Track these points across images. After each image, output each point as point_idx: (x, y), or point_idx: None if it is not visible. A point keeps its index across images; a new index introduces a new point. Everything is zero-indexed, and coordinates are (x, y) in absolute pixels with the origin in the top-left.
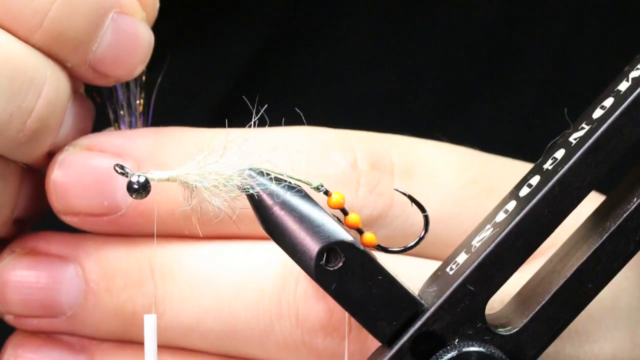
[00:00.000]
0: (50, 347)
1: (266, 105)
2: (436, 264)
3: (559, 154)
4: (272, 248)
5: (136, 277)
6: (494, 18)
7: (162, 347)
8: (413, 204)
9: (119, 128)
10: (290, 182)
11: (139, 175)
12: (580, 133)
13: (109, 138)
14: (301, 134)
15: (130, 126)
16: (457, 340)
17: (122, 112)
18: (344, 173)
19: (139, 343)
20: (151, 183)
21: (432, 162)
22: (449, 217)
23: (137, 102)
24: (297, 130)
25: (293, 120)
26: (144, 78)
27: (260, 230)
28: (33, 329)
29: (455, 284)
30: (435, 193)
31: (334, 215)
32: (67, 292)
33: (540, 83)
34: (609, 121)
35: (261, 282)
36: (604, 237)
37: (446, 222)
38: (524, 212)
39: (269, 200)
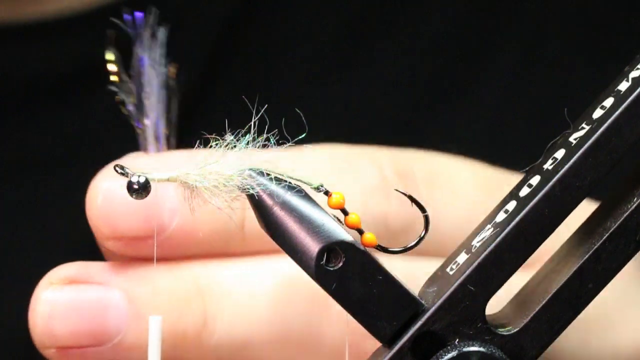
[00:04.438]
0: None
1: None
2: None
3: (559, 154)
4: None
5: (182, 296)
6: (459, 24)
7: None
8: (413, 204)
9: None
10: (290, 182)
11: (139, 176)
12: (580, 133)
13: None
14: (324, 152)
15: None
16: (457, 340)
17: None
18: (374, 183)
19: None
20: (151, 183)
21: (450, 172)
22: (470, 222)
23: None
24: (318, 151)
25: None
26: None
27: None
28: None
29: (456, 284)
30: (456, 200)
31: (334, 216)
32: (115, 317)
33: (505, 89)
34: (609, 121)
35: (308, 289)
36: (604, 237)
37: (468, 227)
38: (524, 212)
39: (269, 201)
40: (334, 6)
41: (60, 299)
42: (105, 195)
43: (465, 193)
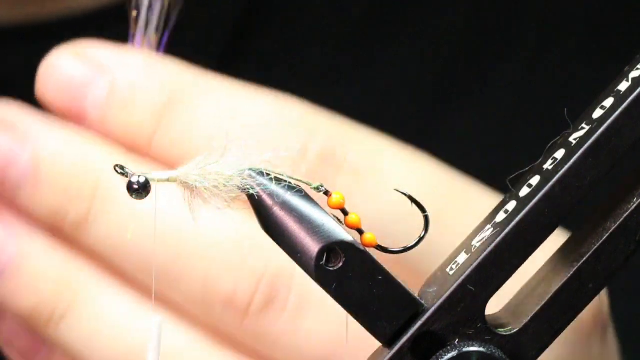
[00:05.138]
0: None
1: None
2: None
3: (559, 154)
4: None
5: (79, 182)
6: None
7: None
8: (413, 204)
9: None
10: (290, 183)
11: (139, 176)
12: (580, 133)
13: (100, 48)
14: (270, 105)
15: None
16: (457, 340)
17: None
18: (291, 158)
19: None
20: (151, 184)
21: (390, 167)
22: (379, 229)
23: (157, 19)
24: (266, 100)
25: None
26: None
27: None
28: None
29: (455, 284)
30: (381, 196)
31: (334, 216)
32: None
33: (510, 91)
34: (609, 121)
35: None
36: (604, 237)
37: (388, 226)
38: (524, 212)
39: (269, 201)
40: (340, 8)
41: None
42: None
43: (392, 198)
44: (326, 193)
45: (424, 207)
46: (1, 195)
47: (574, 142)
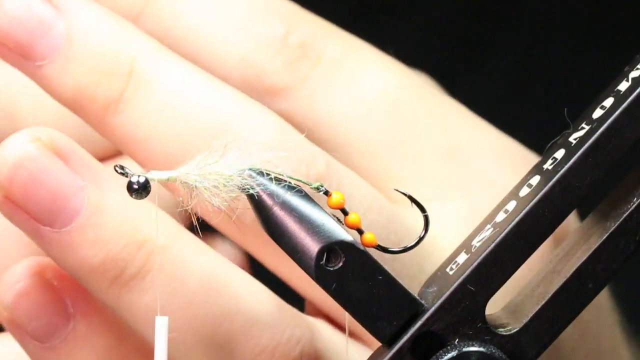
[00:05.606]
0: None
1: None
2: None
3: (559, 154)
4: None
5: (112, 66)
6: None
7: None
8: (413, 204)
9: None
10: (290, 182)
11: (139, 176)
12: (580, 133)
13: None
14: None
15: None
16: (457, 340)
17: None
18: (272, 38)
19: None
20: (151, 183)
21: (365, 68)
22: (349, 127)
23: None
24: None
25: None
26: None
27: None
28: None
29: (455, 284)
30: (355, 93)
31: (334, 215)
32: None
33: (511, 71)
34: (609, 121)
35: None
36: (604, 237)
37: (344, 129)
38: (524, 212)
39: (269, 201)
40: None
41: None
42: None
43: (371, 90)
44: (326, 193)
45: (424, 207)
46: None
47: (574, 142)
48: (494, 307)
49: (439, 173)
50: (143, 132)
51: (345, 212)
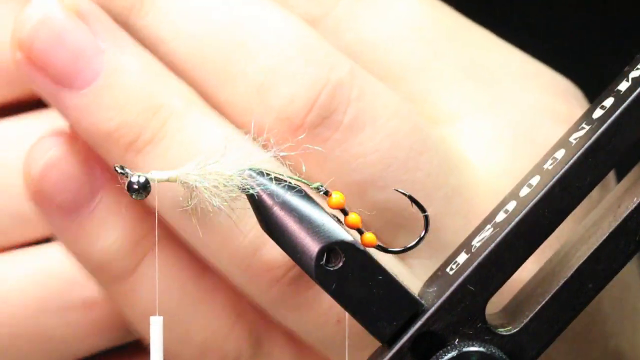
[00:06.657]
0: None
1: None
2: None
3: (559, 154)
4: None
5: None
6: None
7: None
8: (413, 204)
9: None
10: (290, 182)
11: (139, 176)
12: (580, 133)
13: None
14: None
15: None
16: (457, 340)
17: None
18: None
19: None
20: (151, 184)
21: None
22: (376, 53)
23: None
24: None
25: None
26: None
27: None
28: None
29: (455, 284)
30: (372, 23)
31: (334, 215)
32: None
33: (530, 26)
34: (609, 121)
35: None
36: (604, 237)
37: (371, 55)
38: (524, 212)
39: (269, 201)
40: None
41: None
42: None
43: (396, 17)
44: (326, 193)
45: (424, 207)
46: None
47: (574, 142)
48: (494, 307)
49: (466, 91)
50: (168, 31)
51: (345, 212)
